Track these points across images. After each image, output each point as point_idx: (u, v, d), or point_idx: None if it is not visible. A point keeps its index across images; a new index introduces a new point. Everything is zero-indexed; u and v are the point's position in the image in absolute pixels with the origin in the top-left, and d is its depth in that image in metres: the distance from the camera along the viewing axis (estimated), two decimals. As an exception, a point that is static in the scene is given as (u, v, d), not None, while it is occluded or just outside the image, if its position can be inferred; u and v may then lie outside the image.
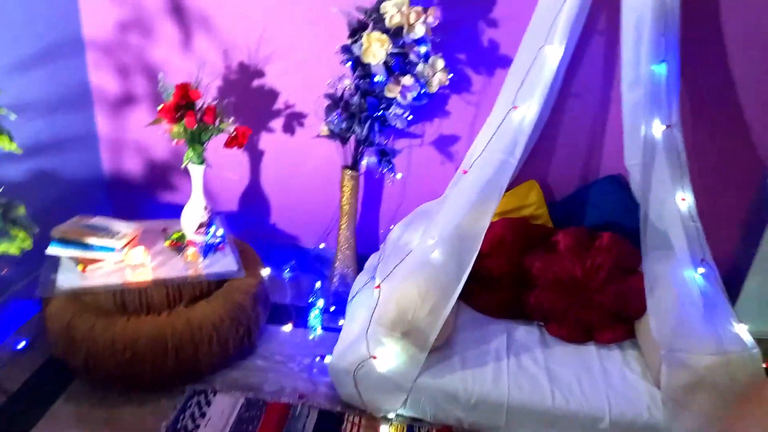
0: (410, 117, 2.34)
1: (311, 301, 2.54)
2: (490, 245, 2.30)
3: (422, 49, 2.18)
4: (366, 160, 2.50)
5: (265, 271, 2.41)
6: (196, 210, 2.36)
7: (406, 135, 2.61)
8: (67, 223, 2.26)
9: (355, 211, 2.57)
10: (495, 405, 1.96)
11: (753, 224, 2.48)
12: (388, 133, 2.49)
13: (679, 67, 2.11)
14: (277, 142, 2.72)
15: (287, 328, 2.49)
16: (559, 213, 2.54)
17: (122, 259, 2.19)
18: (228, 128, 2.28)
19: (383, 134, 2.39)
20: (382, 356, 1.98)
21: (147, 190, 2.90)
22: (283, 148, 2.72)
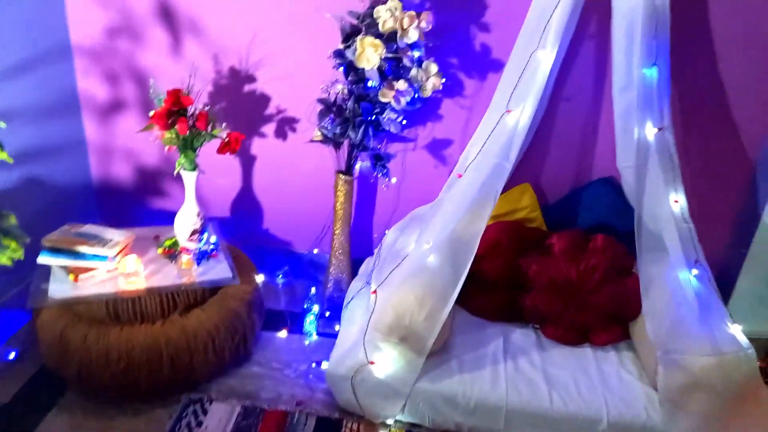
0: (404, 122, 2.34)
1: (306, 306, 2.52)
2: (485, 248, 2.30)
3: (416, 54, 2.18)
4: (359, 165, 2.50)
5: (260, 278, 2.39)
6: (189, 217, 2.34)
7: (399, 139, 2.60)
8: (58, 231, 2.22)
9: (350, 216, 2.56)
10: (494, 408, 1.97)
11: (743, 224, 2.51)
12: (381, 137, 2.48)
13: (669, 70, 2.13)
14: (269, 147, 2.71)
15: (282, 334, 2.47)
16: (553, 216, 2.56)
17: (115, 267, 2.17)
18: (221, 134, 2.27)
19: (377, 138, 2.39)
20: (380, 362, 1.98)
21: (137, 196, 2.87)
22: (275, 153, 2.71)
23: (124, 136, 2.73)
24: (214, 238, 2.38)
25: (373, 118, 2.29)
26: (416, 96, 2.25)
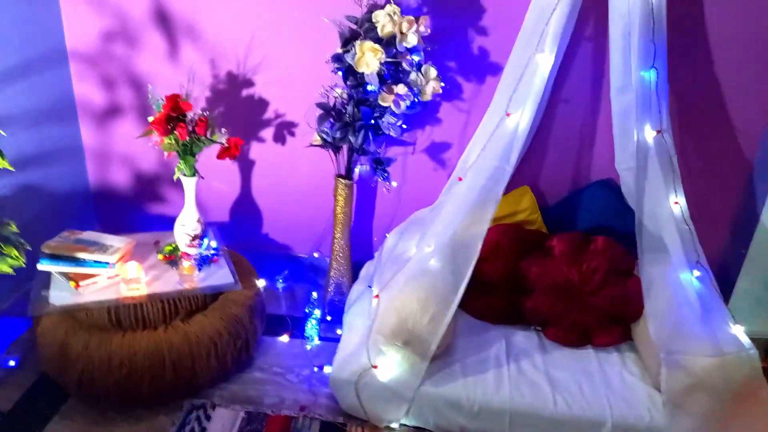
0: (404, 125, 2.34)
1: (307, 311, 2.52)
2: (485, 251, 2.28)
3: (415, 58, 2.18)
4: (359, 168, 2.50)
5: (261, 283, 2.39)
6: (190, 222, 2.33)
7: (398, 143, 2.61)
8: (57, 238, 2.22)
9: (350, 220, 2.56)
10: (498, 412, 1.97)
11: (742, 225, 2.53)
12: (380, 141, 2.48)
13: (667, 72, 2.14)
14: (268, 151, 2.70)
15: (284, 339, 2.47)
16: (552, 218, 2.57)
17: (116, 274, 2.16)
18: (220, 139, 2.26)
19: (376, 143, 2.39)
20: (384, 366, 1.98)
21: (134, 202, 2.86)
22: (274, 157, 2.71)
23: (122, 141, 2.72)
24: (214, 244, 2.37)
25: (373, 122, 2.29)
26: (416, 100, 2.25)
